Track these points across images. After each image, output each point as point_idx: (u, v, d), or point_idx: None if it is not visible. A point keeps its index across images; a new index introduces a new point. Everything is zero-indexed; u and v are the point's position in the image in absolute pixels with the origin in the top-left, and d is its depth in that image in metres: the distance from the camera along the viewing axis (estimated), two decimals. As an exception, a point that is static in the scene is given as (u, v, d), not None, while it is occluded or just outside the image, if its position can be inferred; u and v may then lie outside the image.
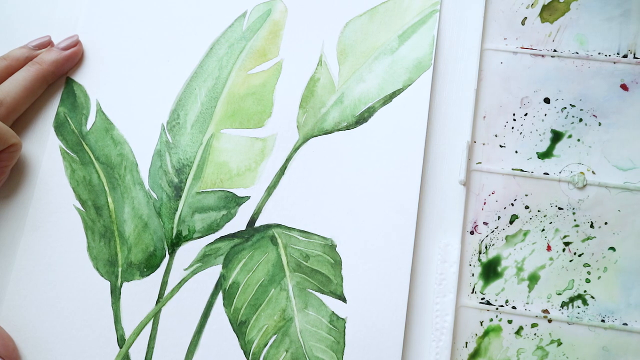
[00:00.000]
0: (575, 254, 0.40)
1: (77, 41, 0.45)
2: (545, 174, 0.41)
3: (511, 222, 0.41)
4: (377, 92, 0.43)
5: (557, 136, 0.42)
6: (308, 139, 0.42)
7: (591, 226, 0.40)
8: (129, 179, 0.42)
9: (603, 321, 0.39)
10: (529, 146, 0.42)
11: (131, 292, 0.40)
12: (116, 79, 0.44)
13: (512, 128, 0.42)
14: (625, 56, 0.43)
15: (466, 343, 0.39)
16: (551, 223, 0.40)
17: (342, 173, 0.41)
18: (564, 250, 0.40)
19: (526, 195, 0.41)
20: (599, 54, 0.43)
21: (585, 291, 0.39)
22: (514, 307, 0.39)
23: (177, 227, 0.41)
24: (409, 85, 0.43)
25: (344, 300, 0.39)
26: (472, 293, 0.40)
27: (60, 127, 0.43)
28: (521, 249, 0.40)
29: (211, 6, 0.46)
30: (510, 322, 0.39)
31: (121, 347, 0.39)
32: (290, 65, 0.44)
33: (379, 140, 0.42)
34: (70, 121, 0.43)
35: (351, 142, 0.42)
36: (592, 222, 0.40)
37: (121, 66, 0.45)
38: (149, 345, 0.39)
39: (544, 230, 0.40)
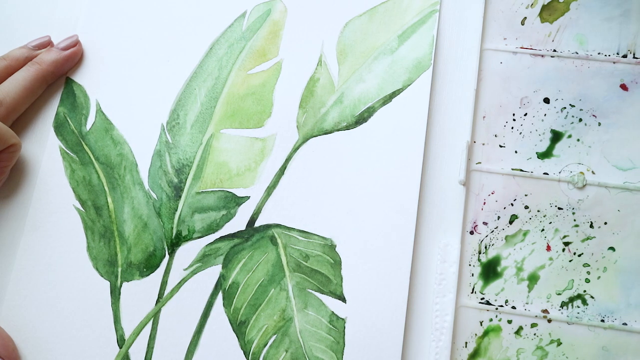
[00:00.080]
0: (575, 254, 0.40)
1: (77, 41, 0.45)
2: (545, 174, 0.41)
3: (511, 222, 0.41)
4: (376, 92, 0.43)
5: (556, 136, 0.42)
6: (308, 139, 0.42)
7: (591, 226, 0.40)
8: (128, 179, 0.42)
9: (603, 321, 0.39)
10: (528, 146, 0.42)
11: (131, 292, 0.40)
12: (116, 79, 0.44)
13: (512, 128, 0.42)
14: (625, 56, 0.43)
15: (466, 343, 0.39)
16: (551, 223, 0.40)
17: (342, 173, 0.41)
18: (563, 250, 0.40)
19: (526, 195, 0.41)
20: (598, 54, 0.43)
21: (585, 291, 0.39)
22: (513, 307, 0.39)
23: (176, 227, 0.41)
24: (409, 85, 0.43)
25: (343, 300, 0.39)
26: (472, 293, 0.40)
27: (60, 127, 0.43)
28: (521, 249, 0.40)
29: (211, 6, 0.46)
30: (510, 322, 0.39)
31: (121, 347, 0.39)
32: (290, 65, 0.44)
33: (379, 140, 0.42)
34: (70, 121, 0.43)
35: (351, 142, 0.42)
36: (591, 222, 0.40)
37: (121, 66, 0.45)
38: (148, 345, 0.39)
39: (543, 230, 0.40)
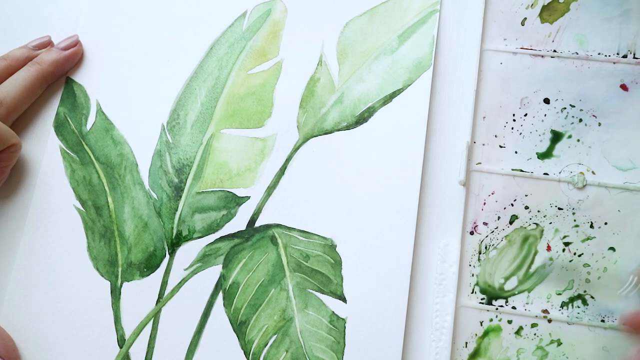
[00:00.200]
0: (575, 254, 0.40)
1: (77, 41, 0.44)
2: (545, 174, 0.41)
3: (511, 223, 0.41)
4: (377, 92, 0.43)
5: (556, 136, 0.42)
6: (308, 139, 0.42)
7: (591, 226, 0.40)
8: (129, 179, 0.42)
9: (603, 321, 0.39)
10: (528, 146, 0.42)
11: (131, 292, 0.40)
12: (116, 79, 0.44)
13: (512, 128, 0.42)
14: (625, 56, 0.43)
15: (466, 343, 0.39)
16: (551, 223, 0.40)
17: (342, 173, 0.41)
18: (564, 250, 0.40)
19: (526, 196, 0.41)
20: (598, 54, 0.43)
21: (585, 291, 0.39)
22: (513, 307, 0.39)
23: (177, 227, 0.41)
24: (409, 85, 0.43)
25: (344, 300, 0.39)
26: (472, 293, 0.40)
27: (60, 127, 0.43)
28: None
29: (211, 6, 0.46)
30: (510, 322, 0.39)
31: (121, 347, 0.39)
32: (290, 65, 0.44)
33: (379, 140, 0.42)
34: (70, 121, 0.43)
35: (351, 142, 0.42)
36: (592, 222, 0.40)
37: (121, 66, 0.45)
38: (149, 345, 0.39)
39: (543, 230, 0.40)
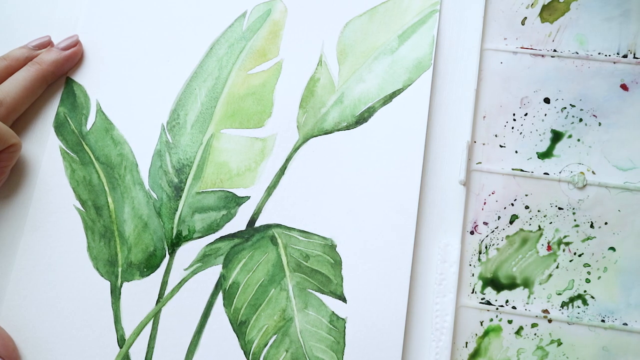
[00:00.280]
0: (575, 254, 0.40)
1: (77, 41, 0.44)
2: (545, 174, 0.41)
3: (511, 222, 0.41)
4: (377, 92, 0.43)
5: (557, 136, 0.42)
6: (308, 139, 0.42)
7: (591, 226, 0.40)
8: (129, 179, 0.42)
9: (603, 321, 0.39)
10: (529, 146, 0.42)
11: (131, 292, 0.40)
12: (116, 79, 0.44)
13: (512, 128, 0.42)
14: (625, 56, 0.43)
15: (466, 343, 0.39)
16: (551, 223, 0.40)
17: (342, 173, 0.41)
18: (564, 250, 0.40)
19: (526, 195, 0.41)
20: (599, 54, 0.43)
21: (585, 291, 0.39)
22: (514, 307, 0.39)
23: (177, 227, 0.41)
24: (409, 85, 0.43)
25: (344, 300, 0.39)
26: (472, 293, 0.40)
27: (60, 127, 0.43)
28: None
29: (211, 6, 0.46)
30: (510, 322, 0.39)
31: (121, 347, 0.39)
32: (290, 65, 0.44)
33: (379, 140, 0.42)
34: (70, 121, 0.43)
35: (351, 142, 0.42)
36: (592, 222, 0.40)
37: (121, 66, 0.45)
38: (149, 345, 0.39)
39: (544, 230, 0.40)
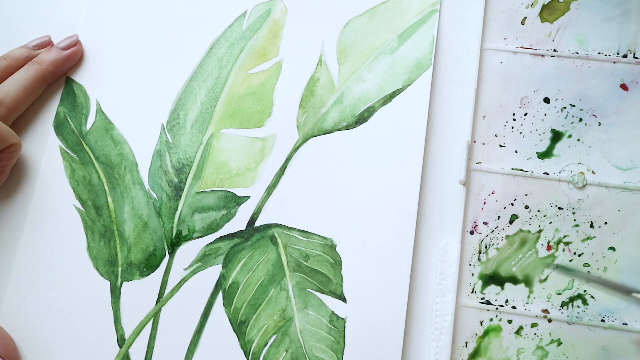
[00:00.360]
0: (575, 254, 0.40)
1: (77, 41, 0.44)
2: (545, 174, 0.41)
3: (511, 222, 0.41)
4: (377, 92, 0.43)
5: (557, 136, 0.42)
6: (308, 139, 0.42)
7: (591, 226, 0.40)
8: (129, 179, 0.42)
9: (603, 321, 0.39)
10: (529, 146, 0.42)
11: (131, 292, 0.40)
12: (116, 79, 0.44)
13: (512, 128, 0.42)
14: (625, 56, 0.43)
15: (466, 343, 0.39)
16: (551, 223, 0.40)
17: (342, 173, 0.41)
18: (564, 250, 0.40)
19: (526, 196, 0.41)
20: (599, 54, 0.43)
21: (585, 291, 0.39)
22: (514, 307, 0.39)
23: (177, 227, 0.41)
24: (409, 85, 0.43)
25: (344, 300, 0.39)
26: (472, 293, 0.40)
27: (60, 127, 0.43)
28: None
29: (211, 6, 0.46)
30: (510, 322, 0.39)
31: (121, 347, 0.39)
32: (290, 65, 0.44)
33: (379, 140, 0.42)
34: (70, 121, 0.43)
35: (351, 142, 0.42)
36: (592, 222, 0.40)
37: (121, 66, 0.45)
38: (149, 345, 0.39)
39: (544, 230, 0.40)
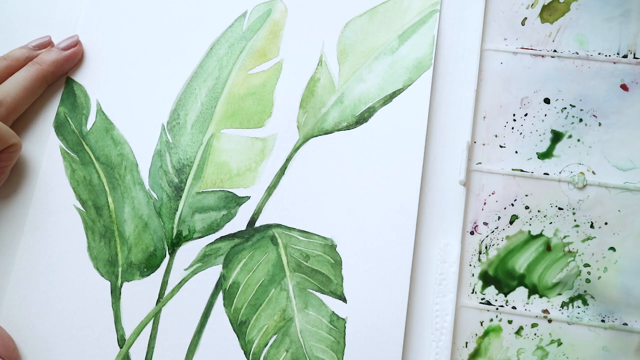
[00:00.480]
0: (575, 254, 0.40)
1: (77, 41, 0.44)
2: (545, 174, 0.41)
3: (511, 223, 0.41)
4: (377, 92, 0.43)
5: (557, 136, 0.42)
6: (308, 139, 0.42)
7: (591, 226, 0.40)
8: (129, 179, 0.42)
9: (603, 321, 0.39)
10: (529, 146, 0.42)
11: (131, 292, 0.40)
12: (116, 79, 0.44)
13: (512, 128, 0.42)
14: (625, 56, 0.43)
15: (466, 343, 0.39)
16: (551, 223, 0.40)
17: (342, 173, 0.41)
18: (564, 250, 0.40)
19: (526, 196, 0.41)
20: (599, 54, 0.43)
21: (585, 291, 0.39)
22: (514, 307, 0.39)
23: (177, 227, 0.41)
24: (409, 85, 0.43)
25: (344, 300, 0.39)
26: (472, 293, 0.40)
27: (61, 127, 0.43)
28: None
29: (211, 6, 0.46)
30: (510, 322, 0.39)
31: (121, 347, 0.39)
32: (290, 65, 0.44)
33: (379, 140, 0.42)
34: (70, 121, 0.43)
35: (351, 142, 0.42)
36: (592, 222, 0.40)
37: (121, 66, 0.45)
38: (149, 345, 0.39)
39: (544, 230, 0.40)
